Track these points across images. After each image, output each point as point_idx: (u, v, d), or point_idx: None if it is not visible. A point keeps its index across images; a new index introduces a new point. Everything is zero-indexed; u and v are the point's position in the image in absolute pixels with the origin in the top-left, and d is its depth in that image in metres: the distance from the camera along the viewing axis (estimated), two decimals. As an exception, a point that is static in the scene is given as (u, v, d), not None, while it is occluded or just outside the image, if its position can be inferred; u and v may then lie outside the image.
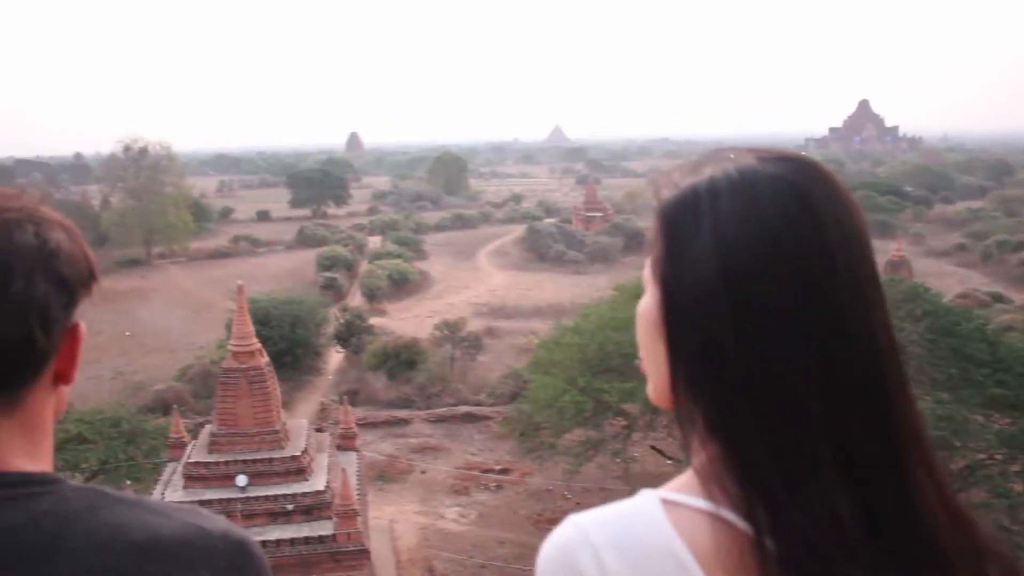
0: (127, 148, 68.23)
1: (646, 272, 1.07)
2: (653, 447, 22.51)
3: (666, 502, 0.98)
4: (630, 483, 20.94)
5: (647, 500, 0.99)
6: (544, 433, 21.57)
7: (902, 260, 33.19)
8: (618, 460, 21.03)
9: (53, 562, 1.00)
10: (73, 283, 1.12)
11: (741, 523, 0.93)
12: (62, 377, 1.17)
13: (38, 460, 1.12)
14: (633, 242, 60.50)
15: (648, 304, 1.06)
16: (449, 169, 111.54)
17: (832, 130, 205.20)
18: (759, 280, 0.94)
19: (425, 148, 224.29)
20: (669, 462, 21.96)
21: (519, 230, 68.06)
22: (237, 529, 1.15)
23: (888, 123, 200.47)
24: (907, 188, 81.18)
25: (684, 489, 1.00)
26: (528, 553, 19.25)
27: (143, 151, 68.12)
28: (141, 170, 67.31)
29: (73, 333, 1.16)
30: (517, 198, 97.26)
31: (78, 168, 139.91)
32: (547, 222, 69.49)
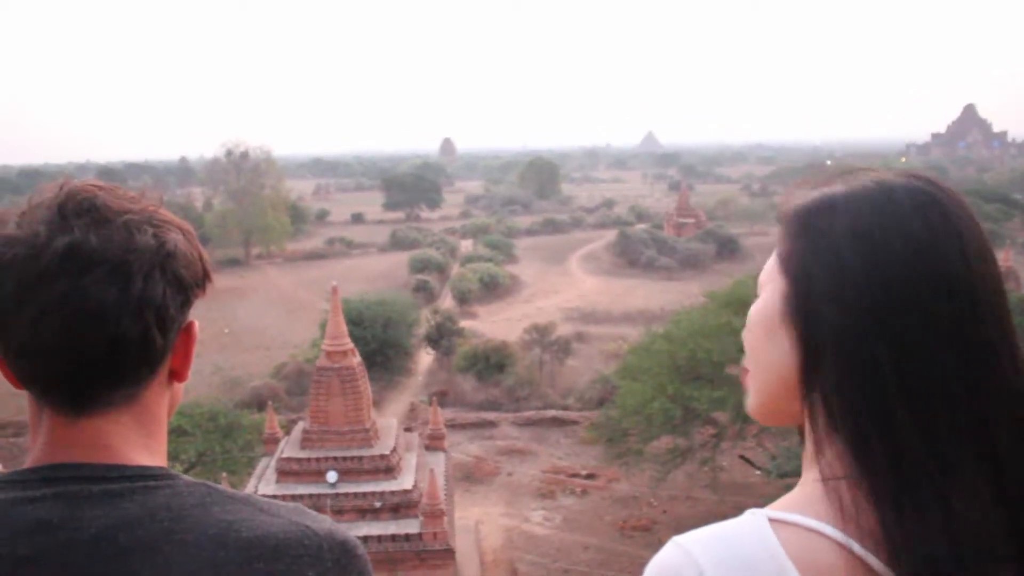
0: (229, 152, 70.38)
1: (764, 275, 1.07)
2: (742, 457, 22.15)
3: (774, 521, 0.94)
4: (718, 492, 20.68)
5: (754, 519, 0.95)
6: (631, 439, 21.38)
7: (1010, 271, 31.82)
8: (706, 469, 20.76)
9: (168, 556, 1.03)
10: (189, 283, 1.16)
11: (855, 545, 0.89)
12: (176, 375, 1.21)
13: (154, 455, 1.16)
14: (725, 249, 59.65)
15: (768, 299, 1.04)
16: (541, 174, 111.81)
17: (935, 136, 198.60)
18: (903, 281, 0.93)
19: (518, 153, 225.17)
20: (758, 472, 21.59)
21: (610, 235, 67.58)
22: (341, 529, 1.17)
23: (996, 128, 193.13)
24: (1016, 196, 78.06)
25: (793, 507, 0.96)
26: (612, 559, 19.14)
27: (244, 155, 70.14)
28: (242, 173, 69.28)
29: (188, 332, 1.20)
30: (609, 203, 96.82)
31: (183, 171, 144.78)
32: (639, 228, 69.00)
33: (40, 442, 1.12)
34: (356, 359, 15.41)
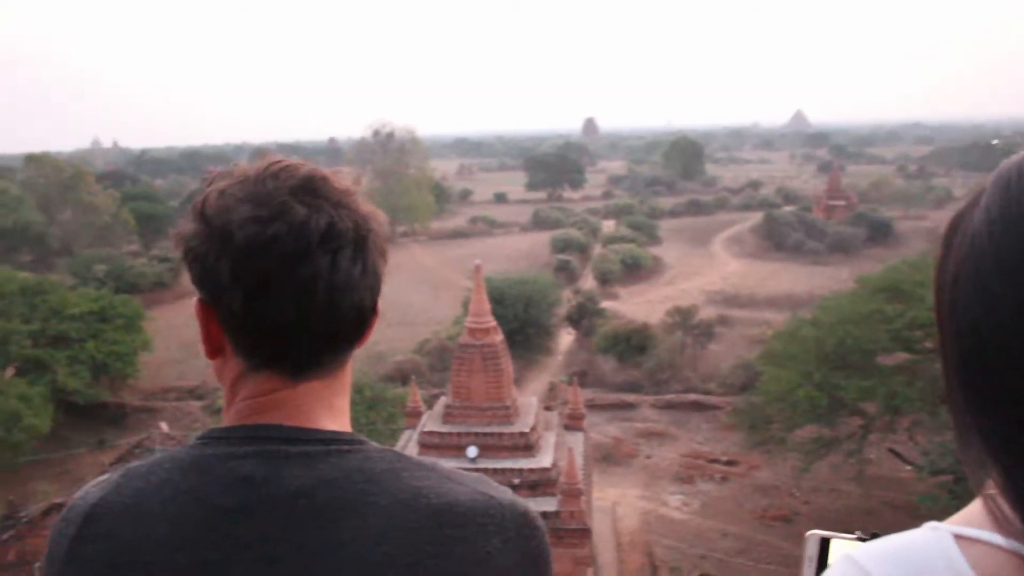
0: (376, 132, 72.31)
1: None
2: (892, 450, 21.32)
3: (960, 538, 0.82)
4: (864, 486, 20.02)
5: (937, 535, 0.84)
6: (775, 427, 20.96)
7: None
8: (852, 461, 20.10)
9: (363, 516, 1.09)
10: (385, 260, 1.26)
11: None
12: (361, 342, 1.28)
13: (341, 420, 1.24)
14: (878, 233, 57.27)
15: None
16: (685, 154, 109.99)
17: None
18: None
19: (661, 132, 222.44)
20: (908, 468, 20.75)
21: (756, 217, 66.09)
22: (522, 501, 1.22)
23: None
24: None
25: (976, 521, 0.84)
26: (751, 548, 18.83)
27: (390, 135, 71.93)
28: (388, 153, 71.12)
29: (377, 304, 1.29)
30: (755, 184, 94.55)
31: (332, 152, 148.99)
32: (786, 210, 67.09)
33: (242, 402, 1.19)
34: (498, 337, 15.57)
